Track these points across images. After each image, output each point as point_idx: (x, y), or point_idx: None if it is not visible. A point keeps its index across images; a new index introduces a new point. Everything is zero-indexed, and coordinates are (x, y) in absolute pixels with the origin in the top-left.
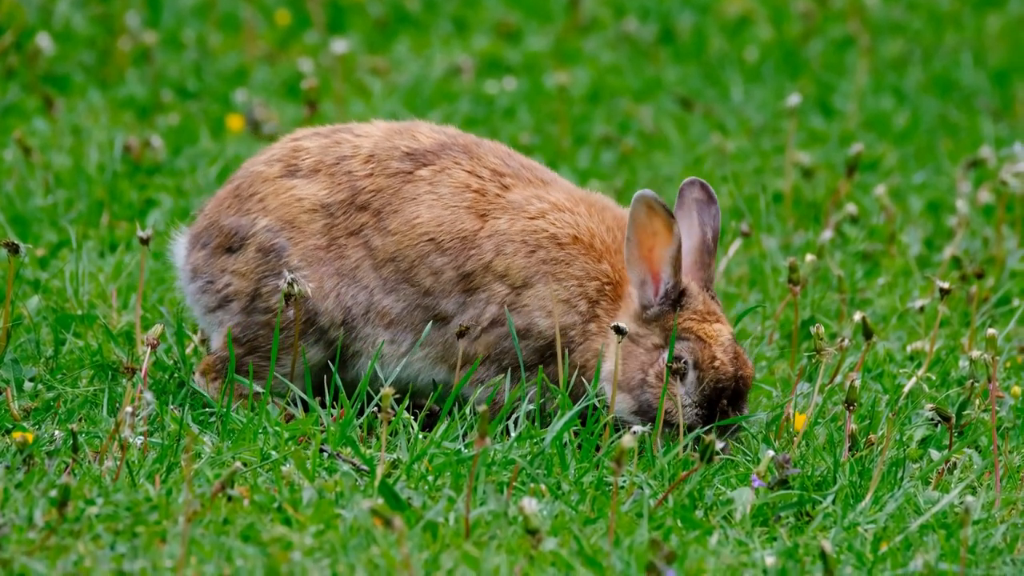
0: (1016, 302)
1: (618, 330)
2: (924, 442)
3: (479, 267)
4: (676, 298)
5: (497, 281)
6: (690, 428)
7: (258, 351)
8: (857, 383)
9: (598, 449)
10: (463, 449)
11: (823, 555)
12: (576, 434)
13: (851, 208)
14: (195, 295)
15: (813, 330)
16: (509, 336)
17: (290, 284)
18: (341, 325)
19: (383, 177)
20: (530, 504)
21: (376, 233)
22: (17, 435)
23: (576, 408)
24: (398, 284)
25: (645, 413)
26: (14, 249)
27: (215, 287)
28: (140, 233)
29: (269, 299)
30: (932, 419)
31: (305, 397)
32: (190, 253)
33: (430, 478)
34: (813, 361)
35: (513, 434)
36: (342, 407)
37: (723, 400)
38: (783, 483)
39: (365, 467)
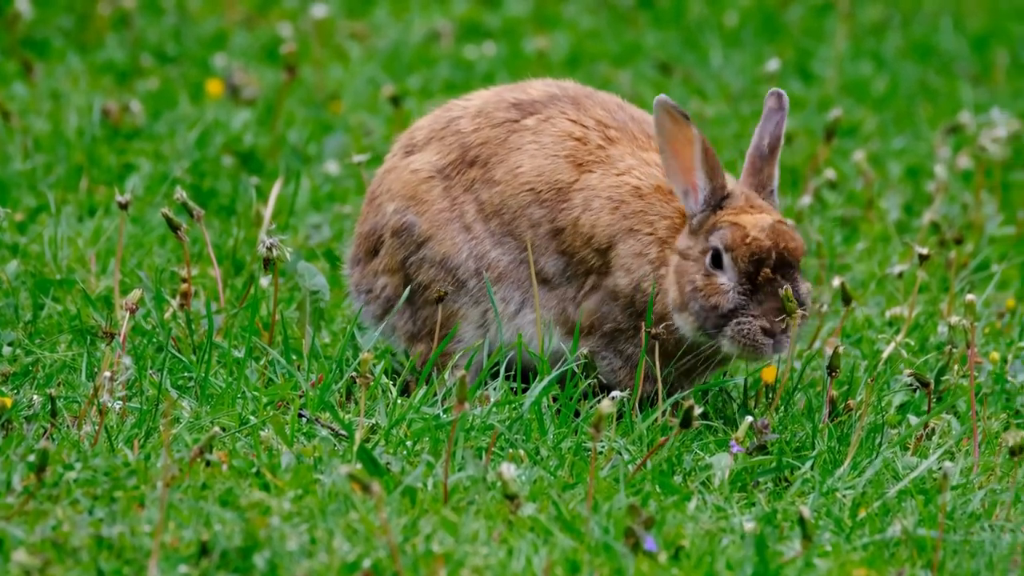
0: (995, 267)
1: None
2: (902, 408)
3: (568, 223)
4: (718, 202)
5: (585, 247)
6: (736, 309)
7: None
8: (840, 349)
9: (577, 414)
10: (442, 414)
11: (801, 521)
12: (555, 399)
13: (830, 173)
14: (369, 314)
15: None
16: (603, 301)
17: (269, 249)
18: (475, 275)
19: (489, 128)
20: (508, 469)
21: (484, 185)
22: None
23: (555, 372)
24: (503, 237)
25: (706, 321)
26: None
27: (374, 294)
28: (119, 198)
29: (418, 275)
30: (911, 385)
31: (282, 361)
32: (351, 277)
33: (409, 443)
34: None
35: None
36: (321, 372)
37: (765, 270)
38: (761, 448)
39: (344, 432)
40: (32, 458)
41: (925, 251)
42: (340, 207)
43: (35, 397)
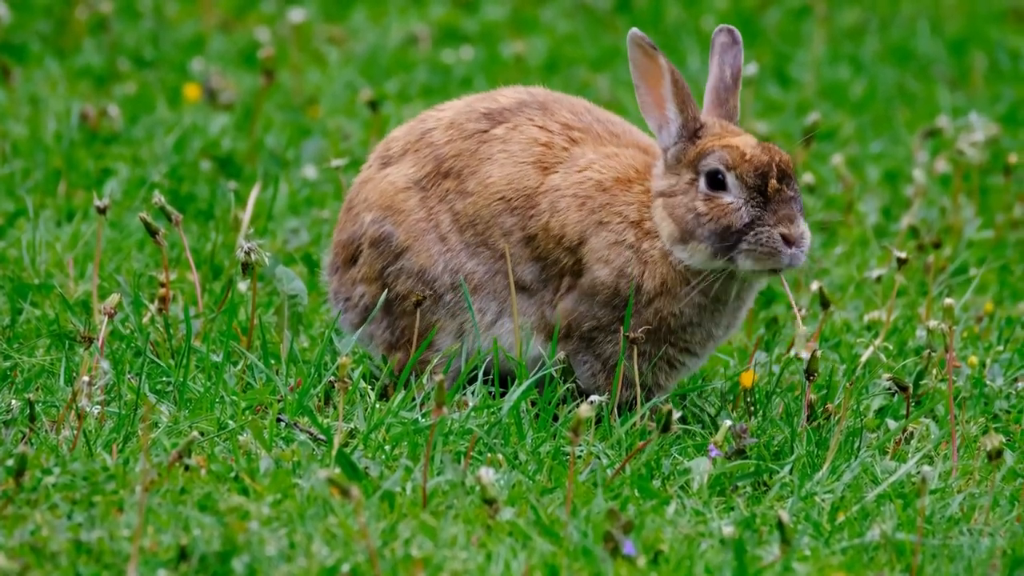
0: (973, 272)
1: None
2: (881, 412)
3: (539, 228)
4: (693, 132)
5: (558, 248)
6: (752, 223)
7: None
8: (818, 353)
9: (555, 419)
10: (420, 419)
11: (780, 525)
12: (533, 404)
13: (808, 178)
14: (347, 322)
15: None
16: (580, 300)
17: (247, 253)
18: (451, 288)
19: (461, 140)
20: (487, 474)
21: (458, 197)
22: None
23: (533, 376)
24: (478, 248)
25: (720, 243)
26: None
27: (352, 302)
28: (97, 202)
29: (396, 285)
30: (889, 389)
31: (261, 365)
32: (330, 284)
33: (387, 448)
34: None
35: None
36: (299, 377)
37: (772, 181)
38: (740, 453)
39: (322, 437)
40: (11, 462)
41: (903, 255)
42: (318, 211)
43: (13, 402)
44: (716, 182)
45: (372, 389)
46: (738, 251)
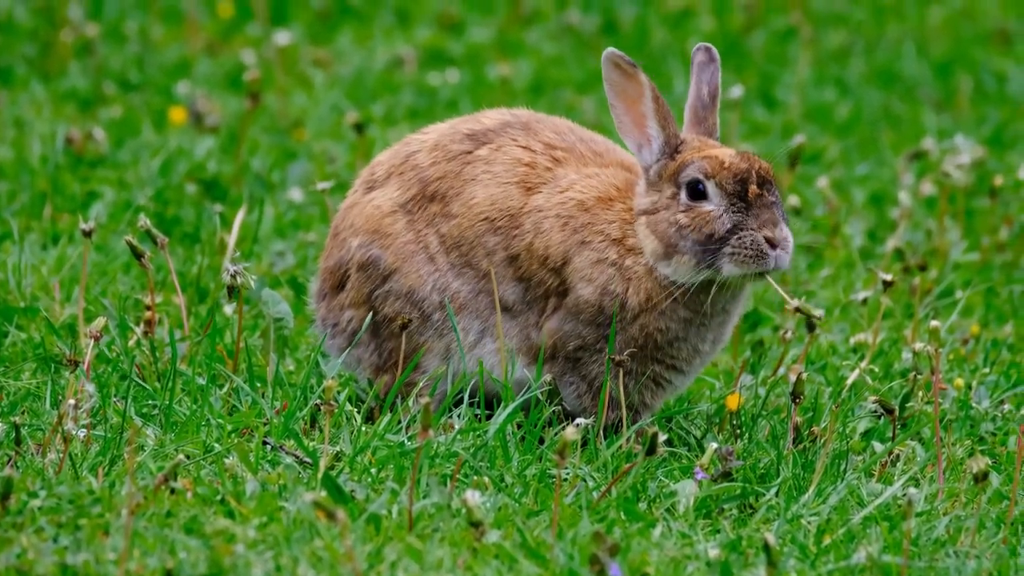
0: (959, 294)
1: None
2: (867, 434)
3: (522, 248)
4: (674, 150)
5: (542, 268)
6: (735, 228)
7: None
8: (804, 376)
9: (541, 441)
10: (406, 442)
11: (766, 547)
12: (519, 426)
13: (794, 200)
14: (335, 347)
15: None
16: (565, 319)
17: (233, 276)
18: (439, 307)
19: (445, 162)
20: (473, 496)
21: (443, 219)
22: None
23: (519, 399)
24: (462, 268)
25: (703, 252)
26: None
27: (340, 327)
28: (83, 225)
29: (384, 307)
30: (875, 411)
31: (247, 388)
32: (317, 311)
33: (373, 470)
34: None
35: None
36: (285, 400)
37: (752, 187)
38: (726, 475)
39: (308, 459)
40: None
41: (889, 277)
42: (304, 235)
43: None
44: (696, 192)
45: (358, 412)
46: (721, 256)
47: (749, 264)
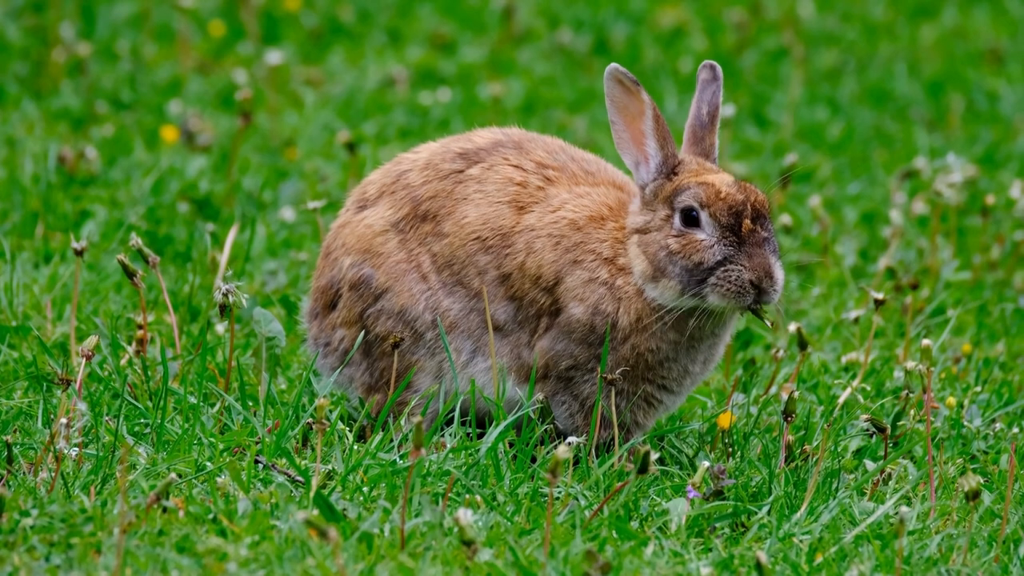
0: (951, 313)
1: None
2: (859, 453)
3: (514, 267)
4: (671, 170)
5: (534, 288)
6: (725, 260)
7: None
8: (796, 394)
9: (533, 460)
10: (398, 460)
11: (758, 566)
12: (511, 445)
13: (786, 219)
14: (327, 366)
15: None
16: (557, 339)
17: (225, 295)
18: (431, 326)
19: (437, 181)
20: (465, 515)
21: (435, 239)
22: None
23: (511, 417)
24: (454, 287)
25: (689, 279)
26: None
27: (332, 346)
28: (75, 244)
29: (375, 326)
30: (867, 430)
31: (239, 407)
32: (309, 330)
33: (365, 489)
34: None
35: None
36: (277, 419)
37: (745, 222)
38: (718, 494)
39: (300, 478)
40: None
41: (881, 296)
42: (296, 253)
43: None
44: (690, 219)
45: (350, 431)
46: (706, 286)
47: (731, 299)
